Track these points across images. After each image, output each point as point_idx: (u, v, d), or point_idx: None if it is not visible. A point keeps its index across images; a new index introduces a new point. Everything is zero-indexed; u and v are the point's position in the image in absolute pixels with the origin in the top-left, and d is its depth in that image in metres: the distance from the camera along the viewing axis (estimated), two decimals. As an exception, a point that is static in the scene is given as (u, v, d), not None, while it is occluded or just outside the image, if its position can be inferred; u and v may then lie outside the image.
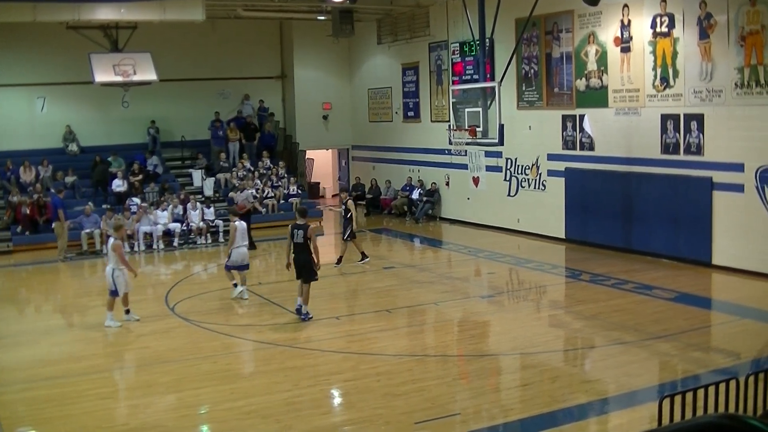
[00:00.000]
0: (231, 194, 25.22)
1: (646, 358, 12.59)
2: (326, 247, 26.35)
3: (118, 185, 26.38)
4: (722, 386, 8.70)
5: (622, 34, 20.11)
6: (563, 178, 22.32)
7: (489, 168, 24.62)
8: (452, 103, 21.48)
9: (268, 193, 27.98)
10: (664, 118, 19.22)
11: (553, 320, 15.51)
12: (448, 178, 27.26)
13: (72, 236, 23.18)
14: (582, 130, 21.60)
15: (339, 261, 20.22)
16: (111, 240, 15.26)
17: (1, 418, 10.55)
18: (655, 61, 19.30)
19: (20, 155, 26.61)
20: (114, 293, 15.03)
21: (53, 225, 22.74)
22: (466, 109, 20.46)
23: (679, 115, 18.89)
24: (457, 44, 25.69)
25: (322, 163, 35.89)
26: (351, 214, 20.18)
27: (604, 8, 20.20)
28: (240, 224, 17.30)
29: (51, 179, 26.17)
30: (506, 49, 22.25)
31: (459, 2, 22.61)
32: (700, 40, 18.17)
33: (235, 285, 17.20)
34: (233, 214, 18.43)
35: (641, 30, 19.57)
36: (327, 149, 34.70)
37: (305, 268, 15.22)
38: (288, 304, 16.35)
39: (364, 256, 20.40)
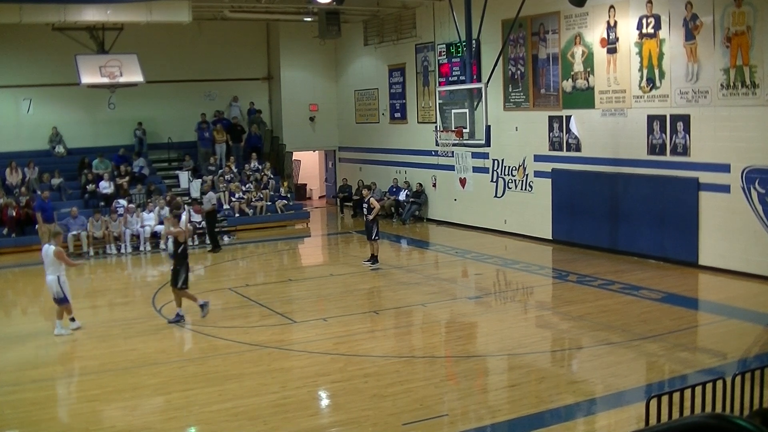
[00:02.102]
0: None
1: (634, 358, 12.63)
2: (314, 248, 26.46)
3: (105, 187, 26.27)
4: (709, 386, 8.72)
5: (608, 35, 20.17)
6: (550, 179, 22.36)
7: (476, 169, 24.63)
8: (439, 104, 21.50)
9: (258, 196, 27.90)
10: (651, 119, 19.30)
11: (540, 321, 15.55)
12: (435, 180, 27.28)
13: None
14: (568, 131, 21.65)
15: (375, 260, 20.09)
16: (49, 247, 14.69)
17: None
18: (641, 62, 19.37)
19: (6, 157, 26.46)
20: (63, 300, 14.72)
21: (36, 227, 22.72)
22: (453, 111, 20.48)
23: (665, 116, 18.96)
24: (444, 45, 25.70)
25: (309, 165, 35.84)
26: (374, 211, 20.00)
27: (590, 9, 20.26)
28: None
29: (37, 181, 26.04)
30: (493, 51, 22.28)
31: (445, 3, 22.64)
32: (686, 41, 18.25)
33: None
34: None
35: (627, 31, 19.64)
36: (314, 151, 34.67)
37: None
38: (275, 305, 16.36)
39: (375, 259, 20.24)
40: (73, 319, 14.96)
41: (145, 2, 23.19)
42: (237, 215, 26.91)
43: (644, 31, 19.22)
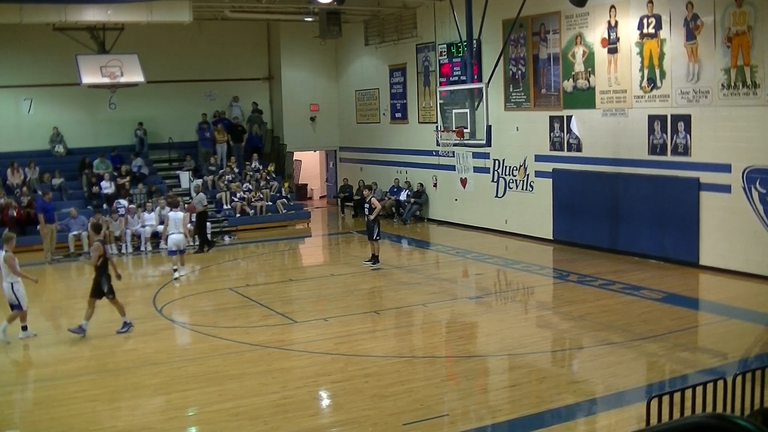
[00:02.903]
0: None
1: (634, 358, 12.62)
2: (315, 248, 26.45)
3: (106, 187, 26.25)
4: (710, 386, 8.71)
5: (609, 35, 20.16)
6: (551, 179, 22.35)
7: (476, 169, 24.63)
8: (440, 104, 21.47)
9: (258, 196, 27.89)
10: (651, 119, 19.29)
11: (540, 321, 15.54)
12: (436, 180, 27.27)
13: (60, 238, 23.12)
14: (569, 131, 21.64)
15: (376, 260, 20.08)
16: (1, 253, 14.32)
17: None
18: (642, 62, 19.36)
19: (7, 157, 26.44)
20: (18, 307, 14.33)
21: (38, 227, 22.74)
22: (454, 111, 20.45)
23: (666, 116, 18.95)
24: (445, 45, 25.70)
25: (309, 165, 35.85)
26: (375, 211, 19.97)
27: (591, 9, 20.25)
28: (172, 214, 20.00)
29: (38, 181, 26.03)
30: (493, 51, 22.26)
31: (446, 3, 22.62)
32: (687, 41, 18.24)
33: (175, 269, 19.48)
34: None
35: (628, 31, 19.63)
36: (314, 151, 34.67)
37: None
38: (276, 305, 16.36)
39: (375, 260, 20.23)
40: (24, 328, 14.51)
41: (146, 2, 23.18)
42: (238, 215, 26.92)
43: (645, 31, 19.21)
